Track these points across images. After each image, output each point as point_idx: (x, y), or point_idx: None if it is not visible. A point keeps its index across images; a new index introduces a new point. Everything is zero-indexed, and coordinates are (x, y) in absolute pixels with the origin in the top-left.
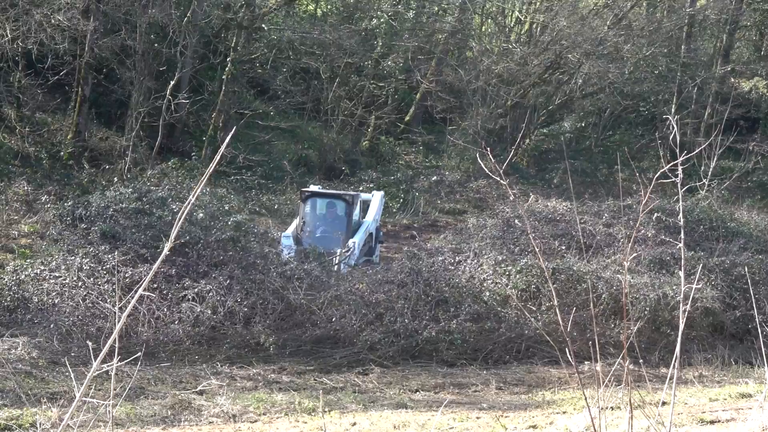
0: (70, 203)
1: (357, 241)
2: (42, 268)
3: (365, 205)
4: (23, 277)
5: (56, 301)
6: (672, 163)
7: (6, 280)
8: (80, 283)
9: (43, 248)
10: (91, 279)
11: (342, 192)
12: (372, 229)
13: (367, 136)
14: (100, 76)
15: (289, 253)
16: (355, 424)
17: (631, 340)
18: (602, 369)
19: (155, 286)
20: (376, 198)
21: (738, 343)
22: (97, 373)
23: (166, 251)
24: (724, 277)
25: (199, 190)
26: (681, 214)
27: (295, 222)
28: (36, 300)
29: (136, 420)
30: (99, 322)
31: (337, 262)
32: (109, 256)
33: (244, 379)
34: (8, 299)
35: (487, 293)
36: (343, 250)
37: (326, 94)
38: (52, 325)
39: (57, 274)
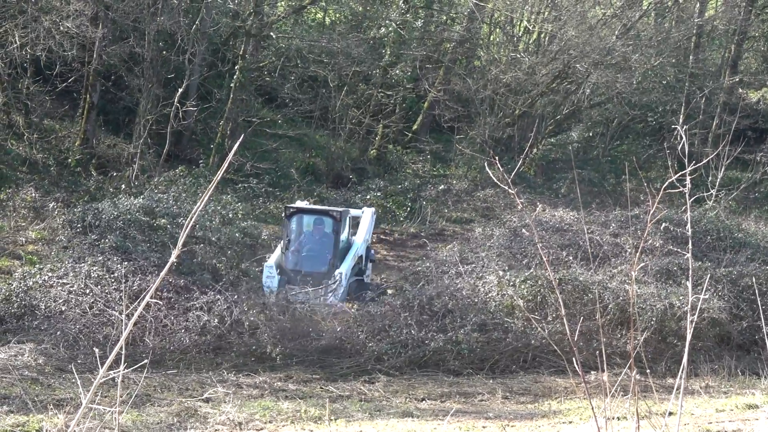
0: (79, 209)
1: (344, 271)
2: (50, 275)
3: (355, 222)
4: (31, 283)
5: (63, 309)
6: (680, 173)
7: (14, 286)
8: (88, 291)
9: (52, 254)
10: (99, 287)
11: (329, 208)
12: (362, 250)
13: (375, 145)
14: (109, 84)
15: (270, 286)
16: None
17: (638, 350)
18: (609, 379)
19: (161, 295)
20: (367, 215)
21: (745, 354)
22: (103, 379)
23: (173, 259)
24: (731, 287)
25: (206, 198)
26: (689, 224)
27: (279, 248)
28: (43, 307)
29: (142, 427)
30: (106, 330)
31: (323, 294)
32: (118, 265)
33: (250, 387)
34: (16, 306)
35: (493, 304)
36: (330, 282)
37: (334, 103)
38: (58, 333)
39: (65, 281)
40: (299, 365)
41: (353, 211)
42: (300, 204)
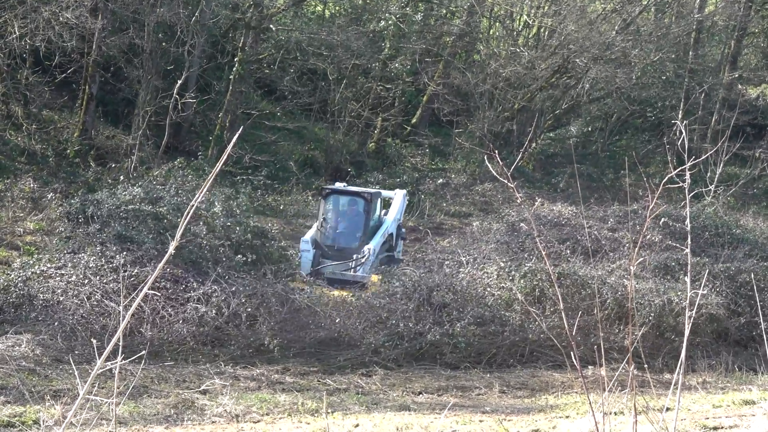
0: (76, 200)
1: (373, 246)
2: (49, 265)
3: (387, 203)
4: (29, 274)
5: (61, 299)
6: (679, 169)
7: (12, 276)
8: (86, 281)
9: (54, 243)
10: (98, 277)
11: (362, 190)
12: (392, 229)
13: (374, 138)
14: (108, 75)
15: (305, 261)
16: (358, 425)
17: (636, 345)
18: (606, 374)
19: (161, 285)
20: (399, 196)
21: (742, 350)
22: (100, 370)
23: (171, 250)
24: (729, 283)
25: (205, 190)
26: (688, 220)
27: (315, 226)
28: (41, 297)
29: (139, 419)
30: (104, 320)
31: (352, 266)
32: (118, 256)
33: (247, 379)
34: (14, 296)
35: (491, 298)
36: (359, 256)
37: (333, 96)
38: (56, 323)
39: (63, 272)
40: (297, 358)
41: (385, 193)
42: (337, 185)
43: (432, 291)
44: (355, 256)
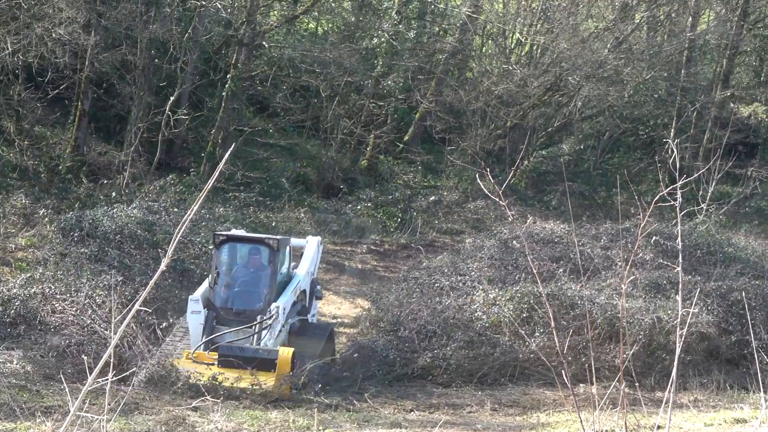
0: (71, 215)
1: (282, 304)
2: (47, 283)
3: (299, 252)
4: (24, 293)
5: (54, 319)
6: (671, 187)
7: (7, 294)
8: (81, 301)
9: (50, 261)
10: (92, 299)
11: (265, 236)
12: (305, 284)
13: (366, 155)
14: (100, 91)
15: (195, 328)
16: None
17: (627, 363)
18: (598, 392)
19: (153, 309)
20: (311, 245)
21: (733, 368)
22: (92, 387)
23: (163, 267)
24: (721, 301)
25: (197, 206)
26: (679, 238)
27: (206, 282)
28: (37, 317)
29: None
30: (96, 339)
31: (256, 331)
32: (109, 277)
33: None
34: (11, 314)
35: (479, 324)
36: (265, 317)
37: (326, 113)
38: (48, 343)
39: (56, 289)
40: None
41: (295, 241)
42: (233, 231)
43: (421, 326)
44: (259, 318)
